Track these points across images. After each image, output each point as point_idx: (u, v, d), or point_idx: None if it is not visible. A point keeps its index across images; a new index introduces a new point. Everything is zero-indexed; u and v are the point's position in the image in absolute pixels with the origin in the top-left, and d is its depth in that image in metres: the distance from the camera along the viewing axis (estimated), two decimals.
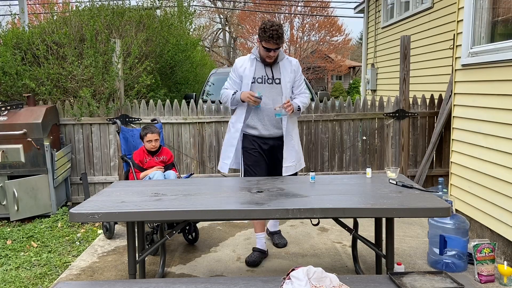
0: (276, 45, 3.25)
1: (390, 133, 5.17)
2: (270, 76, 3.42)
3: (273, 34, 3.19)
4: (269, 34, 3.20)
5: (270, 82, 3.42)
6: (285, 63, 3.47)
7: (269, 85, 3.41)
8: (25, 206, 4.53)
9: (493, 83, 3.50)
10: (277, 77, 3.43)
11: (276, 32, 3.19)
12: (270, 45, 3.24)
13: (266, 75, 3.42)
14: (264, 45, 3.27)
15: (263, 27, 3.24)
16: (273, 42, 3.22)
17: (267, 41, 3.23)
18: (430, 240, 3.37)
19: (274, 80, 3.42)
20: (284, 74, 3.43)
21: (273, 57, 3.34)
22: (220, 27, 30.21)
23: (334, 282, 1.92)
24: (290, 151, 3.45)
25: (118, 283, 2.16)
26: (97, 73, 4.96)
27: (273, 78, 3.42)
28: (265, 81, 3.42)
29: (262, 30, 3.24)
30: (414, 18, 7.57)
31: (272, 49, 3.27)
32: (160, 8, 7.20)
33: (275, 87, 3.42)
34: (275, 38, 3.21)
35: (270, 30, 3.20)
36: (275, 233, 3.90)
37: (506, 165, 3.31)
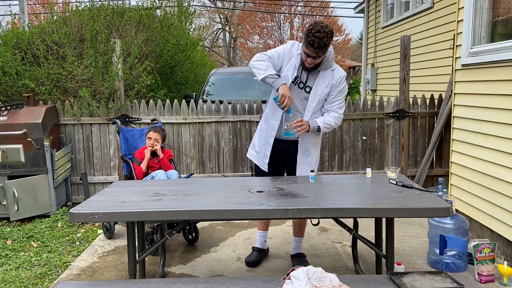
0: (315, 53, 2.82)
1: (390, 133, 5.17)
2: (304, 80, 3.04)
3: (314, 41, 2.76)
4: (310, 40, 2.76)
5: (301, 86, 3.05)
6: (326, 74, 3.03)
7: (299, 89, 3.05)
8: (25, 206, 4.53)
9: (493, 83, 3.50)
10: (308, 85, 3.04)
11: (318, 40, 2.74)
12: (308, 51, 2.84)
13: (300, 77, 3.04)
14: (303, 49, 2.88)
15: (309, 29, 2.79)
16: (312, 50, 2.80)
17: (307, 47, 2.82)
18: (430, 240, 3.37)
19: (305, 86, 3.05)
20: (318, 86, 3.02)
21: (311, 64, 2.92)
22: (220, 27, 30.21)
23: (334, 282, 1.92)
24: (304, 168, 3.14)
25: (118, 283, 2.16)
26: (97, 73, 4.96)
27: (305, 84, 3.05)
28: (297, 83, 3.05)
29: (306, 32, 2.80)
30: (414, 18, 7.57)
31: (311, 56, 2.86)
32: (160, 8, 7.20)
33: (303, 94, 3.06)
34: (315, 46, 2.77)
35: (314, 36, 2.74)
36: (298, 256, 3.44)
37: (506, 165, 3.31)
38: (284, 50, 3.06)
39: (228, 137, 5.15)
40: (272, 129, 3.13)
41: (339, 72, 3.07)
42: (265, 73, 2.95)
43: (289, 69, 3.03)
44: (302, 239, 3.47)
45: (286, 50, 3.06)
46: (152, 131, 3.91)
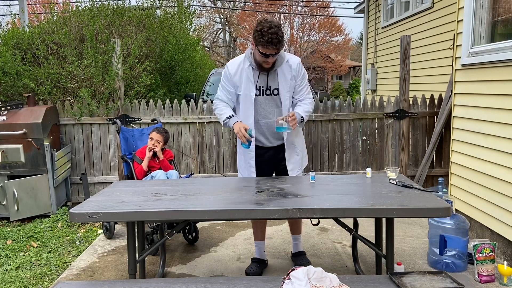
0: (275, 50, 2.79)
1: (390, 133, 5.17)
2: (266, 85, 3.00)
3: (272, 38, 2.72)
4: (267, 39, 2.72)
5: (268, 93, 3.01)
6: (284, 69, 3.00)
7: (267, 97, 3.02)
8: (25, 206, 4.53)
9: (493, 83, 3.50)
10: (274, 88, 3.00)
11: (275, 35, 2.72)
12: (268, 51, 2.78)
13: (262, 85, 2.99)
14: (261, 50, 2.80)
15: (260, 30, 2.74)
16: (272, 47, 2.76)
17: (265, 46, 2.76)
18: (430, 240, 3.37)
19: (272, 91, 3.01)
20: (282, 83, 3.00)
21: (271, 63, 2.90)
22: (220, 27, 30.21)
23: (334, 282, 1.92)
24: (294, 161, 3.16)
25: (118, 283, 2.16)
26: (97, 73, 4.96)
27: (271, 89, 3.01)
28: (263, 92, 3.00)
29: (259, 33, 2.74)
30: (414, 18, 7.57)
31: (270, 54, 2.82)
32: (160, 8, 7.20)
33: (274, 98, 3.03)
34: (274, 42, 2.74)
35: (269, 33, 2.71)
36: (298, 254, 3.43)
37: (506, 165, 3.31)
38: (228, 76, 3.04)
39: (228, 137, 5.15)
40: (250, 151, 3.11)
41: (294, 60, 3.05)
42: (221, 120, 3.07)
43: (247, 86, 3.00)
44: (300, 236, 3.46)
45: (230, 75, 3.03)
46: (155, 132, 3.91)
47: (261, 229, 3.38)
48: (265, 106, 3.05)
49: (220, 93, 3.12)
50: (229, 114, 3.02)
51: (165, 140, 3.95)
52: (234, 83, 3.03)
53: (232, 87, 3.05)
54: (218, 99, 3.13)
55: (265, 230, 3.41)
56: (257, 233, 3.38)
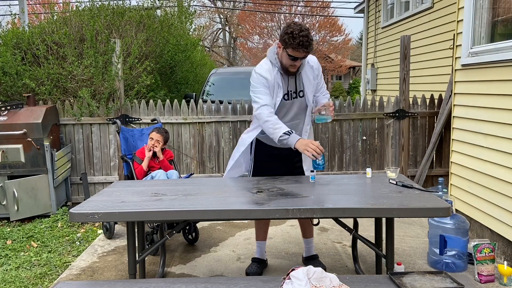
0: (305, 53, 2.78)
1: (390, 133, 5.17)
2: (294, 89, 2.99)
3: (304, 41, 2.70)
4: (299, 41, 2.70)
5: (294, 96, 3.01)
6: (307, 70, 3.00)
7: (293, 100, 3.02)
8: (25, 206, 4.53)
9: (493, 83, 3.51)
10: (300, 90, 3.01)
11: (307, 38, 2.71)
12: (298, 54, 2.76)
13: (291, 89, 2.98)
14: (290, 53, 2.77)
15: (291, 32, 2.72)
16: (302, 50, 2.74)
17: (296, 49, 2.73)
18: (430, 240, 3.37)
19: (298, 93, 3.01)
20: (307, 85, 3.00)
21: (298, 66, 2.89)
22: (220, 27, 30.21)
23: (334, 282, 1.92)
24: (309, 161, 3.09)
25: (118, 283, 2.16)
26: (97, 73, 4.96)
27: (297, 92, 3.01)
28: (291, 97, 2.99)
29: (290, 35, 2.72)
30: (414, 18, 7.57)
31: (299, 58, 2.80)
32: (160, 8, 7.20)
33: (300, 100, 3.03)
34: (305, 45, 2.73)
35: (300, 36, 2.69)
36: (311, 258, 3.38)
37: (506, 165, 3.31)
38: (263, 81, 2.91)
39: (228, 137, 5.15)
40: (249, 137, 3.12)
41: (313, 60, 3.06)
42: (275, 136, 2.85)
43: (276, 93, 2.95)
44: (312, 239, 3.43)
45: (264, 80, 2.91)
46: (155, 132, 3.91)
47: (264, 229, 3.37)
48: (291, 108, 3.04)
49: (263, 97, 2.91)
50: (287, 130, 2.83)
51: (165, 140, 3.95)
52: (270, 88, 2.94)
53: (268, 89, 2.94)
54: (264, 105, 2.89)
55: (267, 230, 3.41)
56: (259, 233, 3.37)
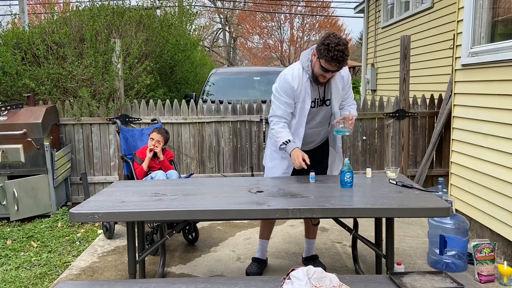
0: (337, 68, 2.75)
1: (390, 133, 5.17)
2: (321, 97, 2.99)
3: (338, 56, 2.67)
4: (333, 55, 2.66)
5: (320, 104, 3.00)
6: (337, 80, 2.97)
7: (319, 108, 3.01)
8: (25, 206, 4.53)
9: (493, 83, 3.50)
10: (327, 98, 3.00)
11: (342, 53, 2.67)
12: (330, 67, 2.74)
13: (318, 96, 2.98)
14: (323, 64, 2.74)
15: (327, 44, 2.68)
16: (335, 64, 2.71)
17: (329, 62, 2.71)
18: (430, 240, 3.37)
19: (325, 102, 3.01)
20: (334, 94, 2.99)
21: (328, 78, 2.86)
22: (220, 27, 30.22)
23: (334, 282, 1.92)
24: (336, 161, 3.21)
25: (118, 283, 2.16)
26: (97, 73, 4.96)
27: (324, 100, 3.00)
28: (317, 104, 2.99)
29: (326, 47, 2.68)
30: (414, 18, 7.57)
31: (331, 70, 2.78)
32: (160, 8, 7.20)
33: (326, 109, 3.03)
34: (339, 60, 2.69)
35: (336, 50, 2.65)
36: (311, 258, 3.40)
37: (506, 165, 3.31)
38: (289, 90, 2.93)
39: (228, 137, 5.15)
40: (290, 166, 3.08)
41: (345, 70, 3.02)
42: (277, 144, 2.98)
43: (304, 99, 2.95)
44: (314, 240, 3.44)
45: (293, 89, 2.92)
46: (156, 132, 3.90)
47: (269, 229, 3.38)
48: (317, 116, 3.04)
49: (277, 110, 2.98)
50: (287, 139, 2.92)
51: (165, 140, 3.95)
52: (296, 96, 2.95)
53: (292, 100, 2.96)
54: (278, 115, 2.99)
55: (272, 229, 3.41)
56: (264, 232, 3.37)
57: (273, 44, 25.27)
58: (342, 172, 2.77)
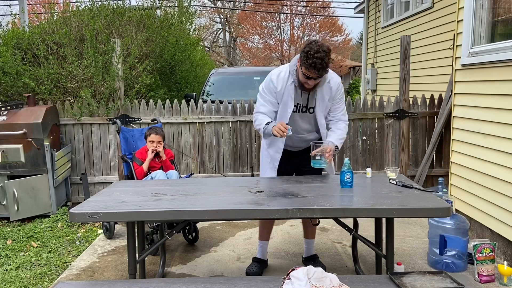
0: (318, 75, 2.76)
1: (390, 133, 5.17)
2: (305, 103, 3.00)
3: (317, 63, 2.68)
4: (311, 62, 2.69)
5: (304, 110, 3.02)
6: (324, 89, 2.97)
7: (303, 114, 3.03)
8: (25, 206, 4.53)
9: (493, 83, 3.50)
10: (311, 106, 3.01)
11: (320, 61, 2.68)
12: (310, 74, 2.76)
13: (301, 103, 2.99)
14: (303, 71, 2.78)
15: (307, 51, 2.71)
16: (314, 71, 2.73)
17: (308, 69, 2.74)
18: (430, 240, 3.37)
19: (308, 109, 3.02)
20: (319, 104, 2.99)
21: (312, 85, 2.87)
22: (220, 27, 30.21)
23: (334, 282, 1.92)
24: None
25: (118, 283, 2.16)
26: (97, 73, 4.96)
27: (307, 107, 3.01)
28: (299, 109, 3.01)
29: (305, 54, 2.71)
30: (414, 18, 7.57)
31: (312, 77, 2.80)
32: (160, 8, 7.20)
33: (308, 116, 3.04)
34: (318, 68, 2.70)
35: (314, 57, 2.67)
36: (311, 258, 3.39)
37: (506, 165, 3.31)
38: (272, 89, 2.98)
39: (228, 137, 5.15)
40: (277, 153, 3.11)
41: (335, 81, 3.02)
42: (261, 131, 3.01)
43: (286, 102, 2.98)
44: (313, 240, 3.43)
45: (275, 88, 2.97)
46: (153, 134, 3.89)
47: (268, 229, 3.37)
48: (299, 122, 3.05)
49: (261, 107, 3.04)
50: (268, 121, 2.95)
51: (163, 138, 3.96)
52: (278, 97, 3.00)
53: (275, 99, 3.01)
54: (260, 112, 3.04)
55: (271, 230, 3.41)
56: (263, 233, 3.37)
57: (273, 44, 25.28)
58: (342, 172, 2.77)
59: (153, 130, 3.94)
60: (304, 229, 3.42)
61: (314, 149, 2.85)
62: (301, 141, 3.13)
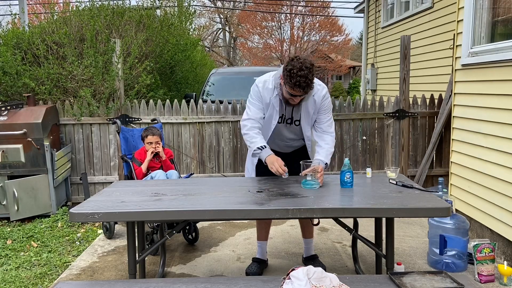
0: (303, 93, 2.73)
1: (390, 133, 5.17)
2: (289, 116, 3.00)
3: (301, 82, 2.64)
4: (295, 81, 2.64)
5: (289, 122, 3.02)
6: (308, 102, 2.93)
7: (288, 125, 3.04)
8: (25, 206, 4.53)
9: (493, 83, 3.50)
10: (296, 119, 3.01)
11: (304, 79, 2.64)
12: (295, 92, 2.72)
13: (285, 114, 2.99)
14: (287, 90, 2.75)
15: (290, 70, 2.65)
16: (299, 90, 2.69)
17: (292, 88, 2.69)
18: (430, 240, 3.37)
19: (294, 122, 3.02)
20: (304, 116, 2.98)
21: (297, 102, 2.84)
22: (220, 27, 30.21)
23: (334, 282, 1.92)
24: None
25: (118, 283, 2.16)
26: (97, 73, 4.96)
27: (292, 119, 3.01)
28: (284, 121, 3.01)
29: (288, 73, 2.66)
30: (414, 18, 7.57)
31: (297, 95, 2.76)
32: (160, 8, 7.20)
33: (293, 128, 3.05)
34: (302, 86, 2.66)
35: (298, 75, 2.62)
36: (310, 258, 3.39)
37: (506, 165, 3.31)
38: (261, 97, 2.96)
39: (228, 137, 5.15)
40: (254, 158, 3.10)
41: (319, 94, 2.96)
42: (250, 149, 2.96)
43: (271, 114, 2.97)
44: (312, 240, 3.43)
45: (264, 97, 2.95)
46: (150, 135, 3.87)
47: (266, 229, 3.37)
48: (284, 131, 3.07)
49: (251, 112, 2.98)
50: (261, 145, 2.89)
51: (161, 137, 3.96)
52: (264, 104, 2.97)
53: (263, 105, 2.98)
54: (250, 119, 2.96)
55: (269, 230, 3.41)
56: (261, 233, 3.37)
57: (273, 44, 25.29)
58: (342, 172, 2.77)
59: (149, 131, 3.91)
60: (301, 228, 3.42)
61: (304, 168, 2.80)
62: (286, 146, 3.16)
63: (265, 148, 2.89)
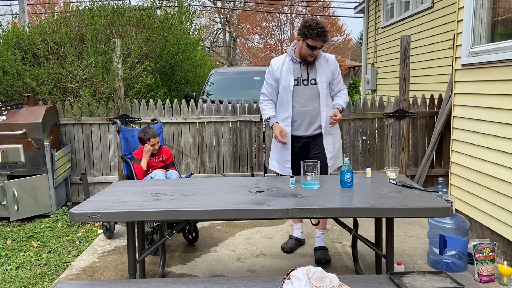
0: (323, 42, 3.21)
1: (390, 133, 5.17)
2: (306, 77, 3.35)
3: (321, 32, 3.16)
4: (317, 32, 3.15)
5: (305, 83, 3.35)
6: (321, 62, 3.38)
7: (305, 87, 3.35)
8: (25, 206, 4.53)
9: (493, 83, 3.51)
10: (312, 78, 3.35)
11: (323, 29, 3.18)
12: (317, 43, 3.19)
13: (301, 76, 3.35)
14: (310, 43, 3.19)
15: (309, 25, 3.18)
16: (321, 39, 3.18)
17: (315, 39, 3.17)
18: (430, 240, 3.37)
19: (310, 81, 3.35)
20: (320, 74, 3.35)
21: (316, 55, 3.28)
22: (220, 27, 30.20)
23: (334, 282, 1.92)
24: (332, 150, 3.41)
25: (118, 283, 2.16)
26: (97, 73, 4.96)
27: (309, 79, 3.35)
28: (301, 82, 3.35)
29: (309, 27, 3.18)
30: (414, 18, 7.57)
31: (317, 47, 3.21)
32: (160, 8, 7.20)
33: (311, 87, 3.35)
34: (323, 34, 3.19)
35: (318, 27, 3.16)
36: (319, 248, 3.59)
37: (506, 165, 3.31)
38: (271, 71, 3.44)
39: (228, 137, 5.15)
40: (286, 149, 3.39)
41: (330, 56, 3.45)
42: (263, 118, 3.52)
43: (286, 78, 3.36)
44: (325, 231, 3.64)
45: (273, 70, 3.43)
46: (152, 138, 3.86)
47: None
48: (303, 95, 3.36)
49: (264, 89, 3.51)
50: (270, 115, 3.42)
51: (158, 136, 3.97)
52: (275, 77, 3.40)
53: (274, 81, 3.42)
54: (263, 93, 3.52)
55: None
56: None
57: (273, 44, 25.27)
58: (342, 172, 2.77)
59: (147, 135, 3.88)
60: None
61: (305, 168, 2.82)
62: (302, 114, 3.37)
63: (271, 118, 3.42)
